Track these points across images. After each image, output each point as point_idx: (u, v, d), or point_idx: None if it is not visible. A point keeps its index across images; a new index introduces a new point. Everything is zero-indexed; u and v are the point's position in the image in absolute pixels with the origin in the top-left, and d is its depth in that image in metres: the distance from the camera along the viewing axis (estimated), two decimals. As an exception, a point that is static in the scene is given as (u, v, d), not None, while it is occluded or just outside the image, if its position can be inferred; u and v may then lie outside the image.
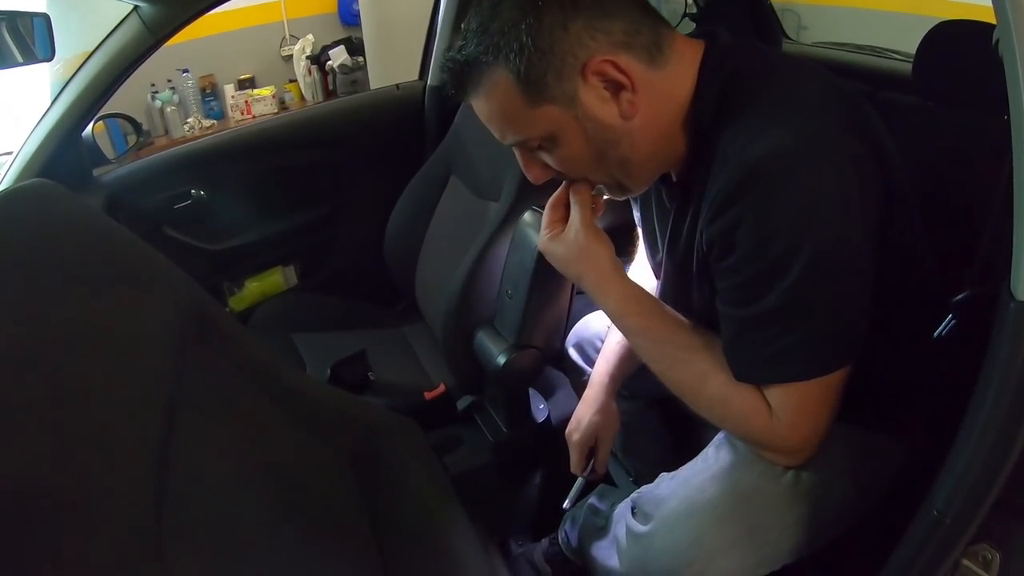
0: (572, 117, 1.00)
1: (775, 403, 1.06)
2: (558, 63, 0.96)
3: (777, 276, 0.96)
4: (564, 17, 0.94)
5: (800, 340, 1.00)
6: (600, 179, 1.13)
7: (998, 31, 0.83)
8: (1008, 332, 0.85)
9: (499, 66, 0.97)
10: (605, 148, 1.04)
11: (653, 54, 1.00)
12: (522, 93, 0.98)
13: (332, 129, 2.55)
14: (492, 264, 1.78)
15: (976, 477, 0.91)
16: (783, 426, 1.07)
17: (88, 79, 1.94)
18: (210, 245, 2.38)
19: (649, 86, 1.00)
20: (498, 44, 0.96)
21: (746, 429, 1.12)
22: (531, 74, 0.96)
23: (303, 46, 5.21)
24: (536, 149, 1.08)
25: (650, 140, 1.05)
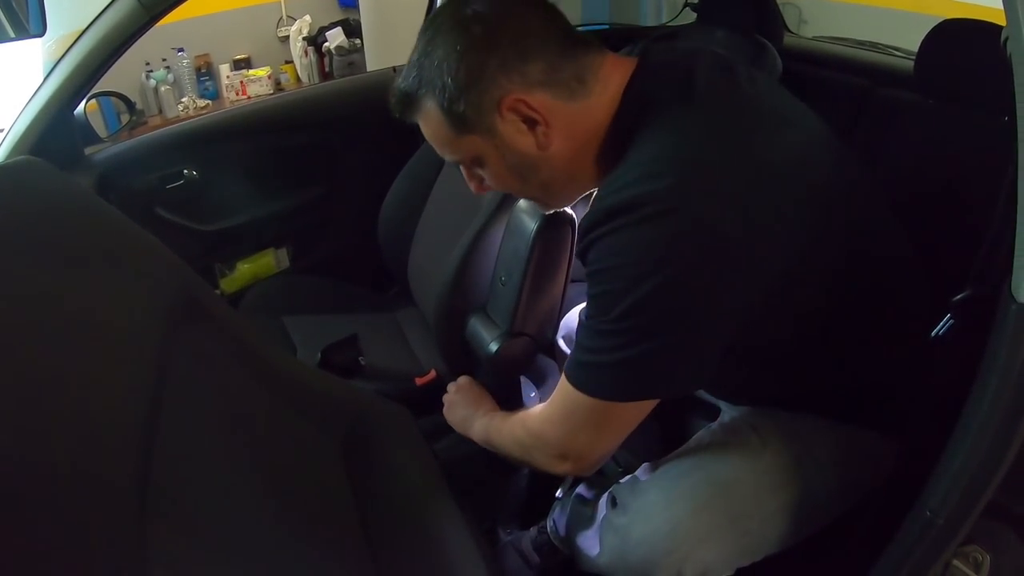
0: (493, 146, 1.10)
1: (556, 398, 1.15)
2: (476, 99, 1.05)
3: (607, 305, 0.99)
4: (482, 59, 1.03)
5: (605, 363, 1.04)
6: (526, 196, 1.30)
7: (1007, 29, 0.83)
8: (1007, 334, 0.84)
9: (429, 99, 1.08)
10: (526, 173, 1.14)
11: (573, 88, 1.06)
12: (448, 123, 1.09)
13: (327, 111, 2.54)
14: (486, 250, 1.77)
15: (970, 479, 0.90)
16: (541, 419, 1.19)
17: (81, 56, 1.92)
18: (202, 226, 2.36)
19: (567, 119, 1.07)
20: (428, 80, 1.07)
21: (524, 425, 1.25)
22: (454, 108, 1.06)
23: (300, 27, 5.19)
24: (471, 167, 1.19)
25: (568, 166, 1.13)
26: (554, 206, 1.30)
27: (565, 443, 1.15)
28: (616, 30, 3.66)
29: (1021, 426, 0.86)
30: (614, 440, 1.15)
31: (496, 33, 1.03)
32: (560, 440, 1.15)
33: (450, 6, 1.08)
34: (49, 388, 0.69)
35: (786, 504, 1.20)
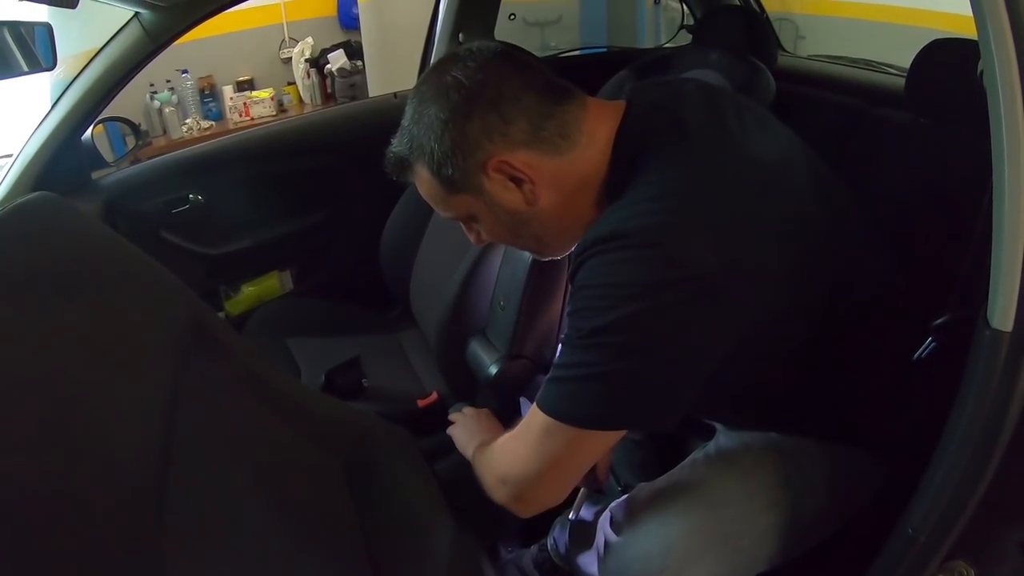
0: (483, 204, 1.13)
1: (527, 424, 1.11)
2: (462, 163, 1.08)
3: (580, 325, 1.00)
4: (463, 126, 1.06)
5: (564, 378, 1.04)
6: (521, 248, 1.29)
7: (983, 63, 0.86)
8: (983, 358, 0.87)
9: (420, 163, 1.12)
10: (517, 228, 1.17)
11: (557, 143, 1.09)
12: (439, 185, 1.13)
13: (330, 136, 2.57)
14: (486, 274, 1.80)
15: (949, 498, 0.93)
16: (504, 439, 1.19)
17: (89, 84, 1.96)
18: (207, 249, 2.39)
19: (553, 173, 1.10)
20: (418, 145, 1.10)
21: (498, 477, 1.18)
22: (443, 172, 1.10)
23: (302, 49, 5.22)
24: (467, 222, 1.22)
25: (558, 218, 1.15)
26: (549, 255, 1.30)
27: (512, 466, 1.13)
28: (614, 53, 3.70)
29: (997, 447, 0.89)
30: (558, 482, 1.12)
31: (475, 99, 1.06)
32: (510, 462, 1.14)
33: (433, 72, 1.12)
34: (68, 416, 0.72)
35: (777, 523, 1.23)
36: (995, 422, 0.88)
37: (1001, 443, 0.89)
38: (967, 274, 0.98)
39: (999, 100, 0.82)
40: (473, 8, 2.56)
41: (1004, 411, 0.87)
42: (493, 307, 1.73)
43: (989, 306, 0.87)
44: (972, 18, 0.85)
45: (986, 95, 0.85)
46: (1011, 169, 0.82)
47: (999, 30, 0.81)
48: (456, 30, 2.56)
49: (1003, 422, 0.88)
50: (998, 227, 0.85)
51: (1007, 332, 0.85)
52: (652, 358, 0.98)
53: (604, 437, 1.08)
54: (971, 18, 0.85)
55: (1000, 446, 0.89)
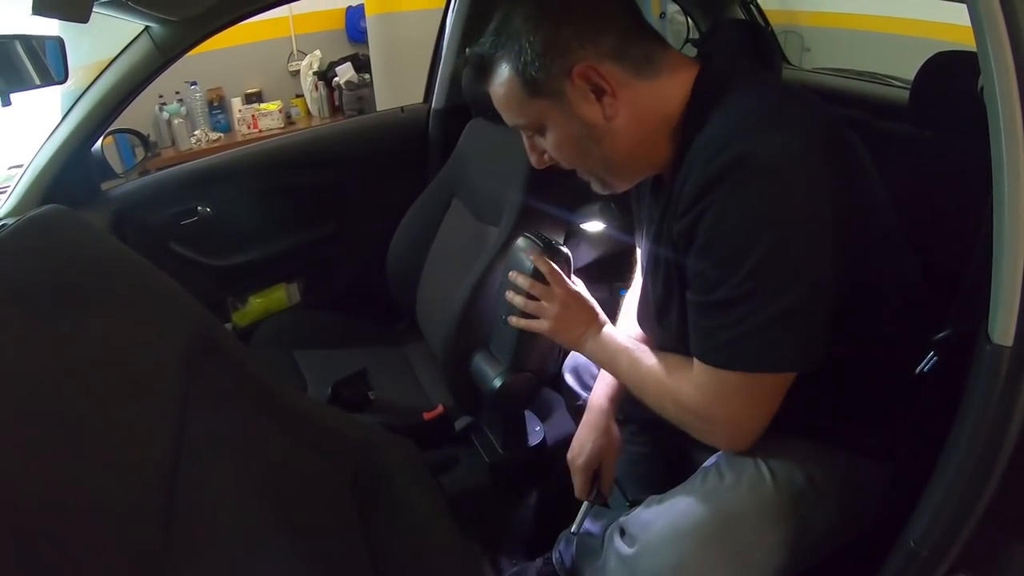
0: (560, 112, 1.15)
1: (702, 381, 1.15)
2: (549, 64, 1.11)
3: (729, 270, 1.04)
4: (557, 27, 1.10)
5: (740, 334, 1.06)
6: (585, 170, 1.26)
7: (983, 79, 0.86)
8: (984, 373, 0.88)
9: (504, 62, 1.15)
10: (588, 144, 1.18)
11: (641, 66, 1.13)
12: (521, 86, 1.15)
13: (337, 150, 2.59)
14: (492, 288, 1.80)
15: (951, 513, 0.94)
16: (701, 402, 1.17)
17: (99, 96, 1.98)
18: (215, 261, 2.41)
19: (633, 93, 1.14)
20: (505, 45, 1.14)
21: (677, 401, 1.22)
22: (527, 72, 1.12)
23: (310, 62, 5.25)
24: (534, 135, 1.24)
25: (631, 142, 1.17)
26: (613, 185, 1.27)
27: (732, 418, 1.16)
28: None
29: (999, 461, 0.89)
30: (772, 408, 1.16)
31: (572, 5, 1.11)
32: (727, 416, 1.16)
33: None
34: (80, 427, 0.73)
35: (788, 537, 1.22)
36: (996, 436, 0.88)
37: (1002, 457, 0.89)
38: (968, 289, 0.99)
39: (999, 116, 0.83)
40: (480, 24, 2.55)
41: (1005, 425, 0.88)
42: (495, 321, 1.73)
43: (990, 321, 0.87)
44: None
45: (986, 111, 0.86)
46: (1011, 185, 0.83)
47: (998, 46, 0.81)
48: (463, 45, 2.57)
49: (1004, 436, 0.88)
50: (998, 243, 0.85)
51: (1008, 347, 0.86)
52: (807, 282, 1.03)
53: (784, 378, 1.12)
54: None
55: (1001, 460, 0.89)
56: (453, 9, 2.58)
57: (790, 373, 1.11)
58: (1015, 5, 0.80)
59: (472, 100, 2.23)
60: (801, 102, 1.12)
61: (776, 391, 1.13)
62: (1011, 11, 0.80)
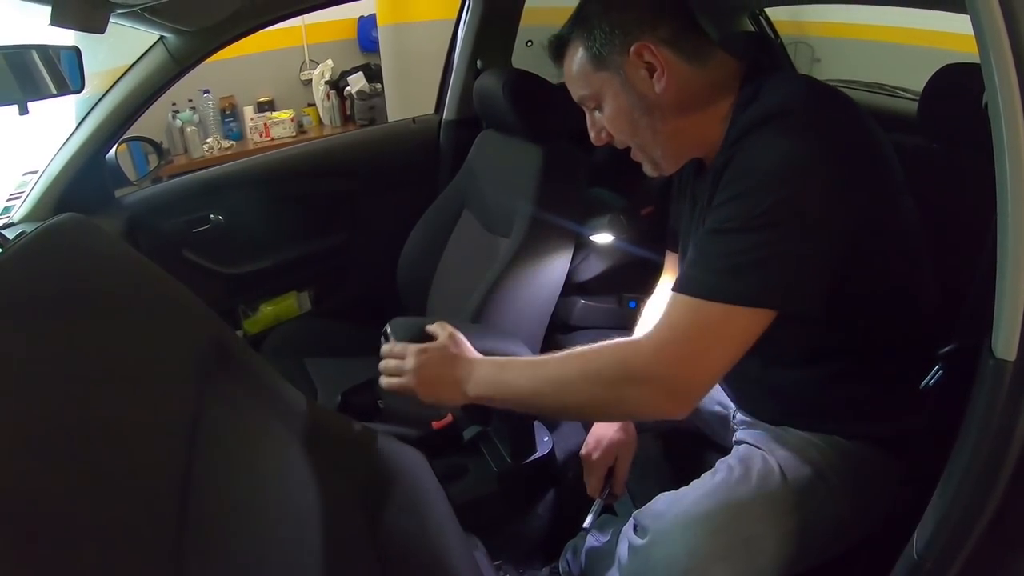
0: (618, 83, 1.30)
1: (668, 316, 1.16)
2: (613, 42, 1.28)
3: (750, 203, 1.10)
4: (622, 15, 1.28)
5: (736, 264, 1.10)
6: (637, 146, 1.38)
7: (987, 95, 0.87)
8: (987, 388, 0.88)
9: (578, 40, 1.33)
10: (638, 115, 1.32)
11: (691, 55, 1.28)
12: (588, 59, 1.32)
13: (349, 160, 2.61)
14: (504, 297, 1.82)
15: (954, 525, 0.94)
16: (652, 344, 1.16)
17: (114, 104, 2.00)
18: (227, 269, 2.43)
19: (682, 74, 1.28)
20: (581, 26, 1.32)
21: (621, 366, 1.18)
22: (594, 47, 1.30)
23: (322, 71, 5.28)
24: (594, 110, 1.39)
25: (676, 117, 1.31)
26: (662, 166, 1.39)
27: (679, 367, 1.13)
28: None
29: (1001, 475, 0.89)
30: (731, 356, 1.14)
31: (638, 2, 1.30)
32: (674, 362, 1.13)
33: None
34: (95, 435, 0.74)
35: (798, 527, 1.25)
36: (999, 450, 0.89)
37: (1005, 472, 0.89)
38: (973, 302, 0.99)
39: (1003, 132, 0.83)
40: (491, 36, 2.60)
41: (1008, 440, 0.88)
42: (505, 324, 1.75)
43: (993, 336, 0.88)
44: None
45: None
46: (1014, 203, 0.83)
47: (1002, 63, 0.82)
48: (474, 57, 2.60)
49: (1007, 450, 0.88)
50: (1002, 258, 0.85)
51: (1011, 361, 0.86)
52: (815, 232, 1.09)
53: (760, 317, 1.12)
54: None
55: (1004, 475, 0.90)
56: (465, 22, 2.61)
57: (758, 321, 1.12)
58: (1020, 23, 0.80)
59: (483, 112, 2.25)
60: (847, 99, 1.25)
61: (746, 332, 1.13)
62: (1016, 30, 0.81)
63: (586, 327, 2.19)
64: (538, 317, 2.00)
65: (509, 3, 2.60)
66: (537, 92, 2.03)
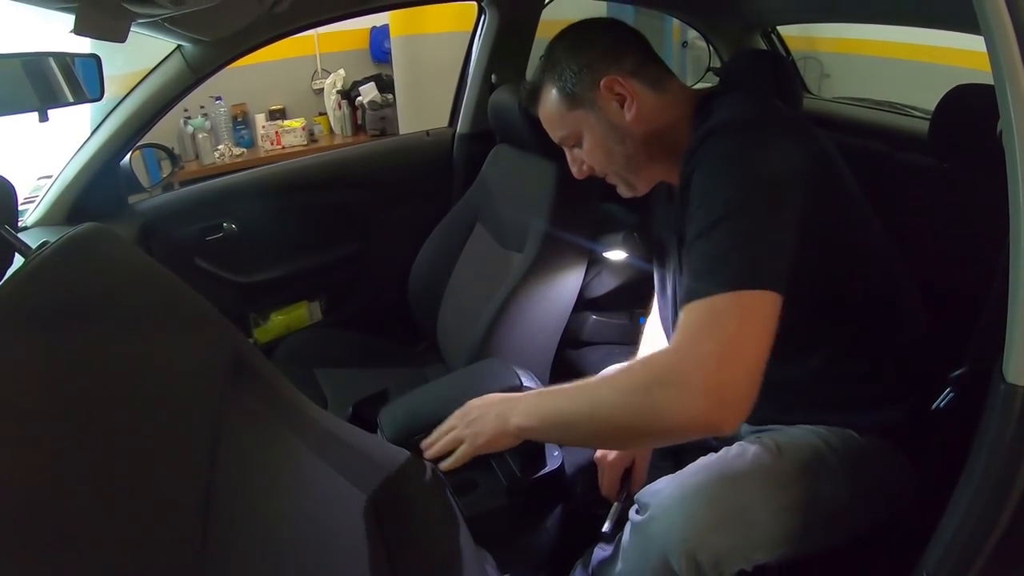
0: (593, 118, 1.42)
1: (684, 330, 1.09)
2: (583, 80, 1.40)
3: (709, 203, 1.15)
4: (588, 53, 1.40)
5: (724, 254, 1.10)
6: (613, 171, 1.49)
7: (1002, 123, 0.88)
8: (997, 411, 0.89)
9: (550, 84, 1.45)
10: (612, 143, 1.43)
11: (655, 83, 1.41)
12: (562, 100, 1.44)
13: (362, 171, 2.63)
14: (517, 312, 1.83)
15: (963, 546, 0.95)
16: (673, 348, 1.10)
17: (130, 111, 2.02)
18: (239, 277, 2.44)
19: (648, 102, 1.39)
20: (551, 71, 1.44)
21: (647, 370, 1.13)
22: (567, 87, 1.42)
23: (334, 80, 5.30)
24: (573, 147, 1.50)
25: (649, 144, 1.41)
26: (636, 186, 1.51)
27: (705, 365, 1.04)
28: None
29: (1011, 497, 0.90)
30: (753, 345, 1.05)
31: (599, 38, 1.43)
32: (698, 361, 1.05)
33: (569, 30, 1.48)
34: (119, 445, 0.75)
35: (796, 502, 1.26)
36: (1009, 473, 0.90)
37: (1015, 494, 0.90)
38: (985, 325, 1.00)
39: (1016, 160, 0.84)
40: (506, 51, 2.62)
41: (1018, 462, 0.89)
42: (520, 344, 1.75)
43: (1004, 360, 0.88)
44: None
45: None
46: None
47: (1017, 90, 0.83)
48: (489, 71, 2.61)
49: (1016, 475, 0.89)
50: (1014, 283, 0.86)
51: (1021, 386, 0.87)
52: (777, 215, 1.13)
53: (769, 299, 1.07)
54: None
55: (1014, 497, 0.90)
56: (480, 36, 2.62)
57: (769, 303, 1.07)
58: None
59: (497, 126, 2.26)
60: (800, 116, 1.40)
61: (751, 325, 1.06)
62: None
63: (598, 343, 2.19)
64: (550, 332, 2.00)
65: (525, 18, 2.63)
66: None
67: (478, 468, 1.77)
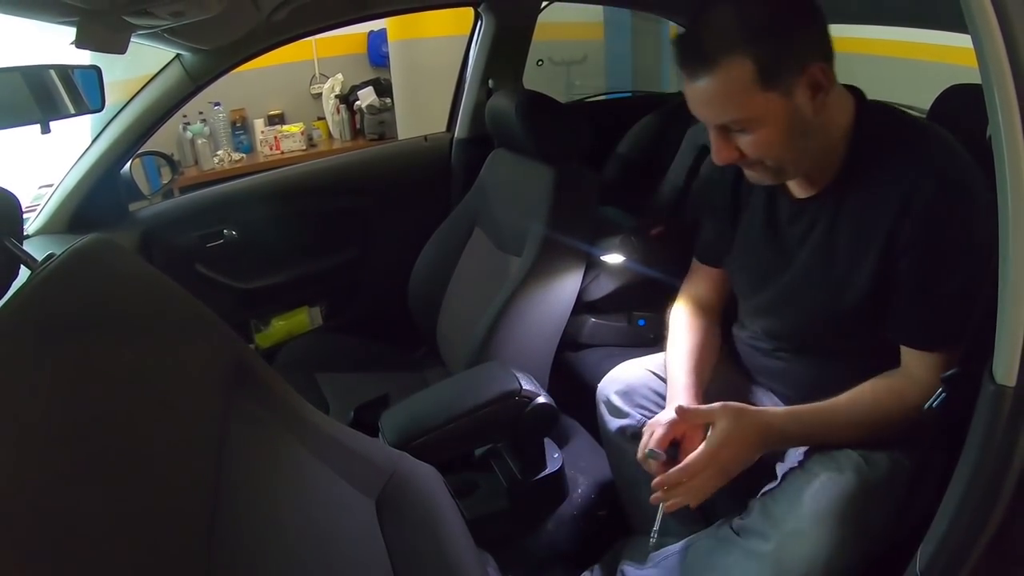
0: (783, 106, 1.24)
1: (931, 365, 1.28)
2: (789, 60, 1.21)
3: (962, 262, 1.21)
4: (803, 35, 1.23)
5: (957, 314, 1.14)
6: (776, 160, 1.32)
7: (990, 128, 0.89)
8: (987, 412, 0.91)
9: (747, 56, 1.20)
10: (796, 137, 1.28)
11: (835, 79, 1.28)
12: (757, 78, 1.21)
13: (362, 177, 2.64)
14: (516, 316, 1.84)
15: (955, 545, 0.97)
16: (919, 385, 1.27)
17: (130, 120, 2.03)
18: (240, 283, 2.45)
19: (833, 99, 1.29)
20: (750, 42, 1.20)
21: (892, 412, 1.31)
22: (769, 65, 1.21)
23: (332, 85, 5.31)
24: (733, 132, 1.30)
25: (824, 139, 1.31)
26: (788, 175, 1.39)
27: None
28: (638, 97, 3.78)
29: (1001, 496, 0.92)
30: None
31: (809, 11, 1.24)
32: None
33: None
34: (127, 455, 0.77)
35: (895, 506, 1.30)
36: (999, 473, 0.91)
37: (1005, 494, 0.92)
38: (976, 327, 1.01)
39: (1004, 164, 0.85)
40: (502, 55, 2.64)
41: (1007, 465, 0.90)
42: (519, 348, 1.76)
43: (994, 361, 0.90)
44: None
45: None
46: (1015, 232, 0.85)
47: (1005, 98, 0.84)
48: (486, 76, 2.63)
49: (1006, 475, 0.91)
50: (1003, 286, 0.87)
51: (1011, 387, 0.88)
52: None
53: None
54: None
55: (1004, 497, 0.92)
56: (477, 41, 2.64)
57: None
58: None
59: (495, 132, 2.27)
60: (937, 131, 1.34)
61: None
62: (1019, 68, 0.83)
63: (596, 345, 2.20)
64: (549, 335, 2.01)
65: (521, 24, 2.64)
66: (549, 113, 2.05)
67: (479, 470, 1.78)
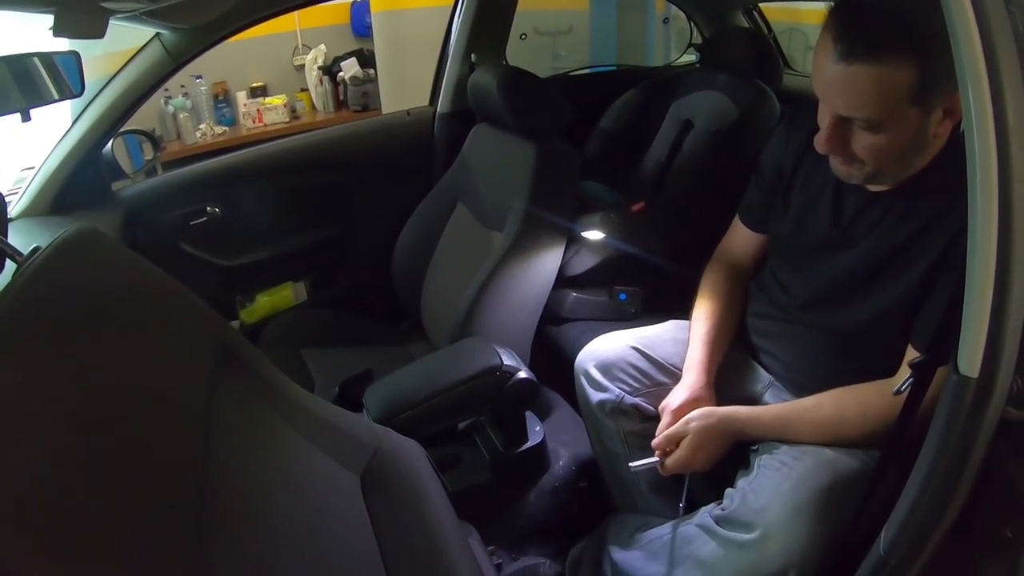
0: (917, 122, 1.22)
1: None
2: (943, 84, 1.16)
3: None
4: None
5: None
6: (880, 167, 1.31)
7: (963, 124, 0.91)
8: (949, 402, 0.94)
9: (913, 64, 1.16)
10: (911, 152, 1.29)
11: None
12: (914, 87, 1.17)
13: (344, 152, 2.64)
14: (499, 288, 1.86)
15: (917, 527, 1.00)
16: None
17: (110, 100, 2.03)
18: (224, 261, 2.46)
19: (949, 127, 1.25)
20: (921, 51, 1.15)
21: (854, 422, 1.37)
22: (933, 81, 1.16)
23: (315, 56, 5.26)
24: (857, 126, 1.26)
25: (928, 157, 1.31)
26: (882, 181, 1.37)
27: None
28: (622, 71, 3.78)
29: (961, 484, 0.95)
30: None
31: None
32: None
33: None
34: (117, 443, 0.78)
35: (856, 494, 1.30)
36: (960, 460, 0.94)
37: (964, 483, 0.95)
38: (945, 316, 1.04)
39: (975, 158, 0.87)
40: (486, 28, 2.64)
41: (969, 451, 0.93)
42: (500, 322, 1.79)
43: (959, 353, 0.92)
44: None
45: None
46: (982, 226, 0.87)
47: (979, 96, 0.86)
48: (469, 51, 2.63)
49: (966, 463, 0.94)
50: (969, 279, 0.90)
51: (973, 378, 0.91)
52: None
53: None
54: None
55: (963, 486, 0.95)
56: (459, 15, 2.63)
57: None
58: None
59: (477, 107, 2.28)
60: None
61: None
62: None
63: (577, 319, 2.23)
64: (531, 310, 2.04)
65: (504, -1, 2.64)
66: (531, 90, 2.07)
67: (462, 444, 1.81)
